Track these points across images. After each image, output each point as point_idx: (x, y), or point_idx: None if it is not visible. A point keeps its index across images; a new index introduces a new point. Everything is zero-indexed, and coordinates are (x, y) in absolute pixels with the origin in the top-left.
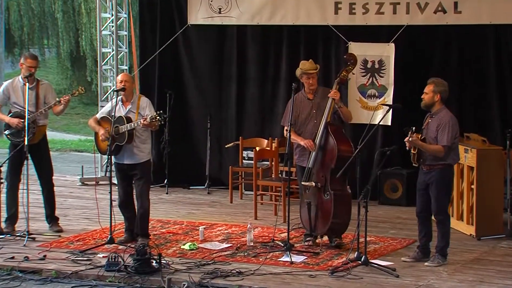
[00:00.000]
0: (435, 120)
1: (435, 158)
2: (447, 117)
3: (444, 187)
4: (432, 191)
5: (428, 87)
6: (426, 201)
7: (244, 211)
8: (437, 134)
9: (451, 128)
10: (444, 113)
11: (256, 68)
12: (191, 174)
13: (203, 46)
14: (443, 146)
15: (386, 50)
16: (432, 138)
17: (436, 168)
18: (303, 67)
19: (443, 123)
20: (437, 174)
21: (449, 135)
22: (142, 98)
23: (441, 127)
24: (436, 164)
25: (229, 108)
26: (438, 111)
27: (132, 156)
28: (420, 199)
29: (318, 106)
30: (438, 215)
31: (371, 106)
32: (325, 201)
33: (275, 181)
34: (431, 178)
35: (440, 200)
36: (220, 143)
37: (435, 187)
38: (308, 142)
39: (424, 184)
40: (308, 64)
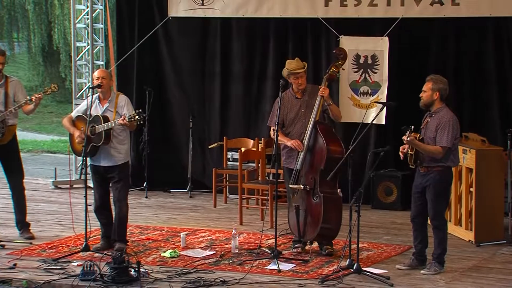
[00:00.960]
0: (434, 119)
1: (433, 159)
2: (448, 116)
3: (442, 190)
4: (429, 194)
5: (426, 85)
6: (422, 205)
7: (228, 216)
8: (436, 134)
9: (451, 128)
10: (444, 112)
11: (241, 64)
12: (172, 176)
13: (185, 40)
14: (442, 147)
15: (380, 44)
16: (430, 138)
17: (434, 170)
18: (290, 67)
19: (443, 123)
20: (435, 176)
21: (449, 135)
22: (120, 96)
23: (440, 127)
24: (434, 166)
25: (212, 106)
26: (438, 110)
27: (109, 158)
28: (416, 203)
29: (307, 104)
30: (434, 220)
31: (364, 104)
32: (314, 205)
33: (261, 184)
34: (429, 181)
35: (437, 204)
36: (203, 144)
37: (432, 190)
38: (295, 142)
39: (421, 187)
40: (294, 63)
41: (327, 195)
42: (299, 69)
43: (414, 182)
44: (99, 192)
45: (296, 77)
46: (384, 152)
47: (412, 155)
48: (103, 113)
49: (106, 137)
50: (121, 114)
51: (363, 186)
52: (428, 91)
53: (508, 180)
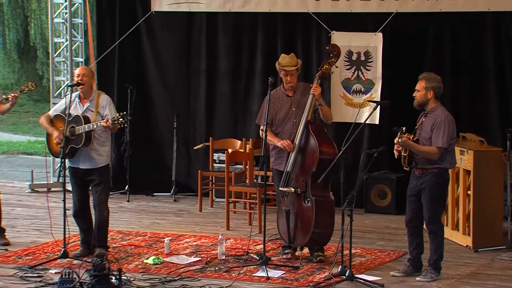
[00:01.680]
0: (429, 119)
1: (428, 161)
2: (443, 115)
3: (438, 193)
4: (425, 197)
5: (419, 84)
6: (417, 208)
7: (214, 220)
8: (431, 135)
9: (447, 128)
10: (440, 111)
11: (228, 61)
12: (155, 179)
13: (169, 35)
14: (437, 148)
15: (373, 40)
16: (426, 138)
17: (430, 172)
18: (281, 62)
19: (438, 122)
20: (431, 178)
21: (444, 135)
22: (102, 95)
23: (435, 127)
24: (430, 167)
25: (198, 105)
26: (433, 109)
27: (89, 160)
28: (411, 206)
29: (298, 103)
30: (430, 225)
31: (357, 103)
32: (305, 208)
33: (249, 186)
34: (424, 183)
35: (433, 208)
36: (188, 145)
37: (428, 193)
38: (285, 142)
39: (416, 189)
40: (287, 59)
41: (318, 199)
42: (290, 66)
43: (409, 184)
44: (78, 196)
45: (286, 73)
46: (377, 153)
47: (405, 156)
48: (83, 113)
49: (87, 139)
50: (102, 115)
51: (356, 189)
52: (421, 90)
53: (507, 183)
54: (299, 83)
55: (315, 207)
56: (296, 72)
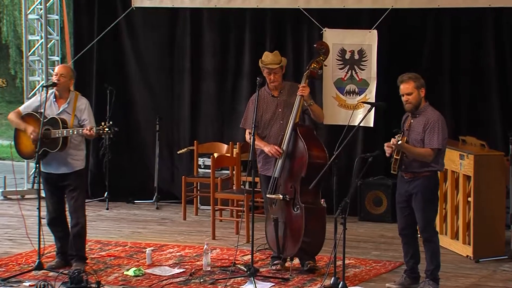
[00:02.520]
0: (420, 119)
1: (420, 164)
2: (435, 115)
3: (431, 197)
4: (417, 203)
5: (407, 86)
6: (409, 215)
7: (199, 229)
8: (424, 136)
9: (441, 128)
10: (431, 111)
11: (214, 60)
12: (136, 185)
13: (151, 33)
14: (432, 149)
15: (368, 38)
16: (417, 140)
17: (422, 175)
18: (264, 60)
19: (431, 123)
20: (423, 182)
21: (439, 136)
22: (80, 98)
23: (429, 127)
24: (422, 171)
25: (181, 106)
26: (422, 109)
27: (63, 165)
28: (403, 213)
29: (285, 104)
30: (424, 232)
31: (350, 104)
32: (294, 216)
33: (236, 193)
34: (416, 188)
35: (427, 214)
36: (171, 149)
37: (420, 198)
38: (273, 148)
39: (406, 195)
40: (271, 57)
41: (309, 206)
42: (273, 64)
43: (397, 190)
44: (53, 203)
45: (269, 72)
46: (372, 158)
47: (397, 159)
48: (59, 114)
49: (63, 144)
50: (79, 119)
51: (350, 195)
52: (413, 91)
53: (510, 189)
54: (285, 82)
55: (305, 215)
56: (280, 70)
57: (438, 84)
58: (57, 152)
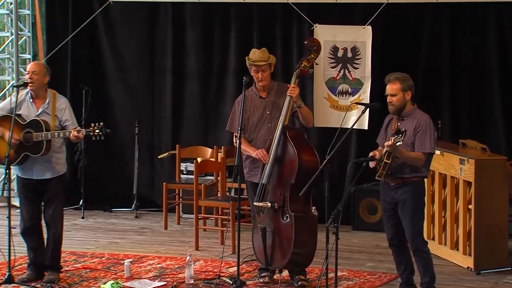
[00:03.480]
0: (408, 122)
1: (411, 169)
2: (426, 118)
3: (419, 205)
4: (405, 211)
5: (392, 86)
6: (397, 224)
7: (182, 239)
8: (414, 140)
9: (432, 132)
10: (420, 114)
11: (197, 58)
12: (114, 193)
13: (130, 29)
14: (424, 154)
15: (362, 34)
16: (407, 144)
17: (411, 181)
18: (251, 57)
19: (422, 126)
20: (411, 189)
21: (431, 140)
22: (58, 97)
23: (420, 131)
24: (410, 176)
25: (163, 108)
26: (411, 112)
27: (45, 169)
28: (389, 223)
29: (273, 106)
30: (414, 242)
31: (343, 105)
32: (284, 226)
33: (221, 201)
34: (404, 195)
35: (415, 223)
36: (151, 153)
37: (409, 206)
38: (260, 152)
39: (393, 202)
40: (258, 54)
41: (299, 215)
42: (261, 61)
43: (381, 197)
44: (29, 210)
45: (257, 70)
46: (367, 163)
47: (386, 164)
48: (39, 116)
49: (47, 148)
50: (61, 120)
51: (342, 203)
52: (398, 93)
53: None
54: (273, 82)
55: (295, 224)
56: (268, 68)
57: (437, 84)
58: (39, 156)
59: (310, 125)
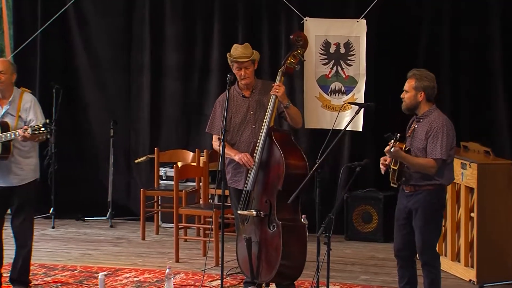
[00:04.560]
0: (423, 125)
1: (423, 176)
2: (440, 121)
3: (433, 215)
4: (417, 221)
5: (408, 83)
6: (408, 234)
7: (161, 250)
8: (426, 144)
9: (445, 135)
10: (436, 116)
11: (178, 54)
12: (87, 200)
13: (104, 23)
14: (435, 160)
15: (355, 28)
16: (419, 149)
17: (424, 189)
18: (233, 53)
19: (434, 129)
20: (425, 197)
21: (443, 145)
22: (25, 95)
23: (431, 134)
24: (424, 184)
25: (140, 108)
26: (427, 114)
27: (10, 176)
28: (400, 232)
29: (258, 106)
30: (424, 255)
31: (335, 105)
32: (270, 236)
33: (203, 209)
34: (416, 203)
35: (426, 234)
36: (127, 157)
37: (421, 216)
38: (244, 156)
39: (406, 211)
40: (240, 49)
41: (287, 224)
42: (243, 57)
43: (397, 205)
44: None
45: (239, 66)
46: (361, 167)
47: (395, 170)
48: (1, 117)
49: (5, 149)
50: (25, 120)
51: (335, 211)
52: (410, 91)
53: None
54: (257, 80)
55: (282, 234)
56: (251, 65)
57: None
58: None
59: (299, 125)
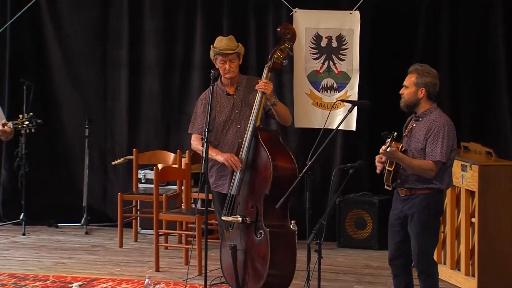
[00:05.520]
0: (422, 124)
1: (420, 179)
2: (441, 120)
3: (430, 221)
4: (413, 226)
5: (409, 78)
6: (403, 242)
7: (139, 259)
8: (425, 145)
9: (446, 136)
10: (436, 115)
11: (158, 50)
12: (60, 205)
13: (79, 16)
14: (434, 162)
15: (348, 21)
16: (417, 150)
17: (420, 193)
18: (217, 45)
19: (434, 129)
20: (422, 202)
21: (443, 146)
22: None
23: (431, 135)
24: (420, 188)
25: (117, 106)
26: (427, 112)
27: None
28: (395, 239)
29: (243, 104)
30: (420, 263)
31: (327, 102)
32: (257, 243)
33: (186, 214)
34: (412, 208)
35: (423, 241)
36: (104, 159)
37: (417, 221)
38: (230, 157)
39: (401, 216)
40: (225, 41)
41: (275, 230)
42: (228, 49)
43: (391, 210)
44: None
45: (224, 59)
46: (354, 169)
47: (390, 172)
48: None
49: None
50: None
51: (326, 216)
52: (411, 87)
53: None
54: (241, 76)
55: (270, 241)
56: (236, 59)
57: None
58: None
59: (289, 123)
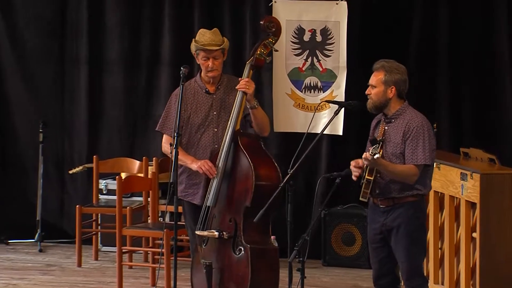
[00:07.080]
0: (397, 126)
1: (402, 186)
2: (418, 120)
3: (419, 233)
4: (400, 240)
5: (375, 77)
6: (387, 258)
7: (101, 279)
8: (404, 148)
9: (427, 136)
10: (412, 115)
11: (121, 45)
12: (11, 219)
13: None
14: (416, 166)
15: (334, 12)
16: (395, 154)
17: (404, 202)
18: (201, 39)
19: (413, 131)
20: (407, 211)
21: (426, 148)
22: None
23: (410, 137)
24: (403, 196)
25: (76, 109)
26: (400, 112)
27: None
28: (378, 256)
29: (222, 105)
30: (410, 280)
31: (311, 104)
32: (236, 262)
33: (152, 229)
34: (397, 220)
35: (412, 255)
36: (60, 167)
37: (404, 234)
38: (205, 164)
39: (383, 230)
40: (209, 35)
41: (256, 247)
42: (212, 45)
43: (369, 224)
44: None
45: (207, 56)
46: (341, 179)
47: (370, 181)
48: None
49: None
50: None
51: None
52: (378, 86)
53: None
54: (223, 74)
55: (251, 259)
56: (221, 55)
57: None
58: None
59: (266, 133)
